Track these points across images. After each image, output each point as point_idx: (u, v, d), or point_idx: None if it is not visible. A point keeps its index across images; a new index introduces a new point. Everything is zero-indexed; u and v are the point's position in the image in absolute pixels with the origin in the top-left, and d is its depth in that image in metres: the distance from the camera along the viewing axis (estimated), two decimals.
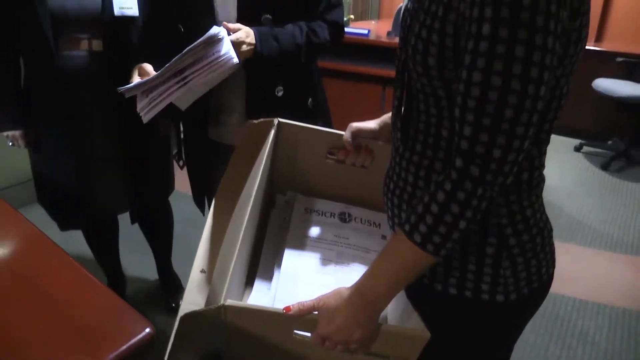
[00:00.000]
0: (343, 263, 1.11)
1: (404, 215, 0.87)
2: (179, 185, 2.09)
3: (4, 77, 1.69)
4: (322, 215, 1.23)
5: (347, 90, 3.32)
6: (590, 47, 4.40)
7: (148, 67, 1.51)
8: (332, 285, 0.86)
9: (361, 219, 1.23)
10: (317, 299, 0.82)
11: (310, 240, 1.16)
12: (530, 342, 2.16)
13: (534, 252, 0.83)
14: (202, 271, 1.20)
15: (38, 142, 1.76)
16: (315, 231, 1.19)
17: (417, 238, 0.72)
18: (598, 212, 3.37)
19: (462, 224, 0.70)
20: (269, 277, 1.11)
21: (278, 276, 1.08)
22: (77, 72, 1.64)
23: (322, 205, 1.25)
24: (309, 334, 0.84)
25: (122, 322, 1.01)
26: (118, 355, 0.93)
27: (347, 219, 1.23)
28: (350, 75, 3.32)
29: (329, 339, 0.81)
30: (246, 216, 0.93)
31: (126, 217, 1.96)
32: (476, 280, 0.82)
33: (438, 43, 0.70)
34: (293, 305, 0.82)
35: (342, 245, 1.16)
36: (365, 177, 1.19)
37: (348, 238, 1.18)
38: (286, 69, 1.51)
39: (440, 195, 0.70)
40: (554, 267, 0.89)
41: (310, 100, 1.59)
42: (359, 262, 1.11)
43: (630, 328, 2.28)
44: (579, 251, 2.91)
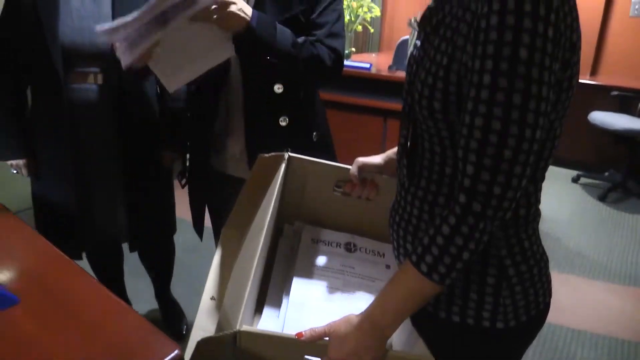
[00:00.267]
0: (349, 291, 1.15)
1: (409, 246, 0.92)
2: (181, 211, 2.11)
3: (10, 108, 1.75)
4: (328, 245, 1.28)
5: (349, 122, 3.39)
6: (585, 81, 4.50)
7: None
8: (339, 312, 0.91)
9: (366, 249, 1.28)
10: (327, 325, 0.87)
11: (318, 269, 1.20)
12: None
13: (531, 281, 0.88)
14: (212, 298, 1.23)
15: (39, 171, 1.81)
16: (322, 260, 1.23)
17: (424, 268, 0.78)
18: (596, 243, 3.40)
19: (466, 255, 0.76)
20: (277, 304, 1.14)
21: (287, 303, 1.12)
22: (83, 105, 1.69)
23: (328, 235, 1.30)
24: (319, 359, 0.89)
25: (150, 343, 1.03)
26: None
27: (353, 249, 1.27)
28: (353, 107, 3.39)
29: None
30: (259, 246, 0.98)
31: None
32: (478, 308, 0.86)
33: (443, 89, 0.77)
34: (305, 331, 0.86)
35: (348, 274, 1.20)
36: (370, 209, 1.24)
37: (353, 267, 1.22)
38: (290, 99, 1.50)
39: (445, 229, 0.76)
40: (550, 296, 0.94)
41: (315, 133, 1.61)
42: (364, 291, 1.16)
43: (629, 359, 2.30)
44: (577, 282, 2.93)
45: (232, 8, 1.25)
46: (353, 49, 4.72)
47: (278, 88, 1.46)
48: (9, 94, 1.75)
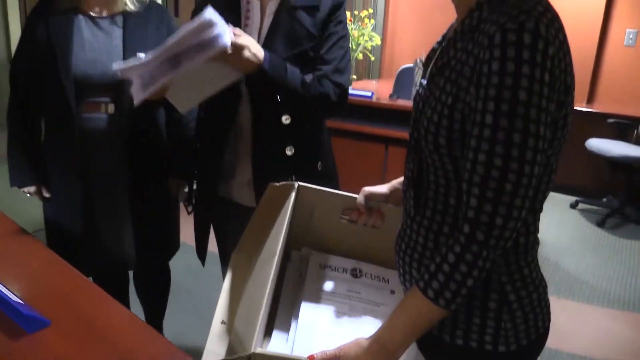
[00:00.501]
0: (355, 315, 1.19)
1: (415, 272, 0.97)
2: (184, 235, 2.13)
3: (25, 138, 1.81)
4: (335, 270, 1.32)
5: (352, 148, 3.45)
6: (582, 108, 4.58)
7: None
8: (346, 336, 0.95)
9: (371, 274, 1.32)
10: (338, 348, 0.91)
11: (325, 294, 1.24)
12: None
13: (531, 306, 0.92)
14: (223, 322, 1.27)
15: (50, 197, 1.85)
16: (329, 285, 1.27)
17: (431, 294, 0.83)
18: (594, 269, 3.43)
19: (470, 282, 0.81)
20: (286, 328, 1.18)
21: (296, 327, 1.15)
22: (94, 133, 1.73)
23: (335, 261, 1.34)
24: None
25: None
26: None
27: (359, 275, 1.31)
28: (355, 134, 3.46)
29: None
30: (272, 272, 1.03)
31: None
32: (480, 332, 0.91)
33: (447, 127, 0.83)
34: (317, 353, 0.91)
35: (354, 299, 1.24)
36: (375, 236, 1.28)
37: (359, 292, 1.26)
38: (297, 129, 1.55)
39: (451, 257, 0.81)
40: (549, 320, 0.98)
41: (319, 163, 1.65)
42: (370, 315, 1.20)
43: None
44: (576, 307, 2.96)
45: (246, 53, 1.32)
46: (354, 77, 4.80)
47: (286, 119, 1.52)
48: (24, 125, 1.81)
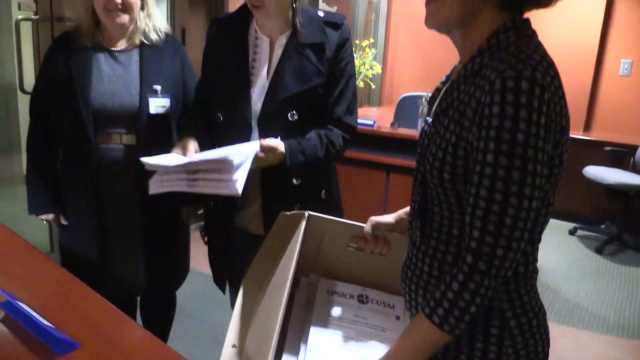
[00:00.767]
0: (362, 340, 1.24)
1: (421, 299, 1.02)
2: (194, 263, 2.18)
3: (44, 167, 1.87)
4: (342, 296, 1.37)
5: (354, 176, 3.50)
6: (580, 137, 4.67)
7: (191, 145, 1.57)
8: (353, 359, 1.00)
9: (377, 300, 1.37)
10: None
11: (333, 319, 1.29)
12: None
13: (531, 332, 0.97)
14: (234, 346, 1.32)
15: (66, 224, 1.90)
16: (337, 311, 1.32)
17: (436, 320, 0.88)
18: (593, 295, 3.46)
19: (473, 309, 0.86)
20: (295, 352, 1.23)
21: (305, 351, 1.20)
22: (109, 163, 1.79)
23: (342, 287, 1.39)
24: None
25: None
26: None
27: (365, 301, 1.36)
28: (357, 161, 3.51)
29: None
30: (284, 298, 1.08)
31: None
32: (482, 356, 0.96)
33: (451, 163, 0.89)
34: None
35: (361, 324, 1.29)
36: (381, 264, 1.34)
37: (366, 318, 1.31)
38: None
39: (455, 285, 0.87)
40: (548, 346, 1.03)
41: (323, 192, 1.72)
42: (377, 340, 1.24)
43: None
44: (576, 334, 2.99)
45: (270, 157, 1.51)
46: None
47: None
48: (43, 155, 1.87)
